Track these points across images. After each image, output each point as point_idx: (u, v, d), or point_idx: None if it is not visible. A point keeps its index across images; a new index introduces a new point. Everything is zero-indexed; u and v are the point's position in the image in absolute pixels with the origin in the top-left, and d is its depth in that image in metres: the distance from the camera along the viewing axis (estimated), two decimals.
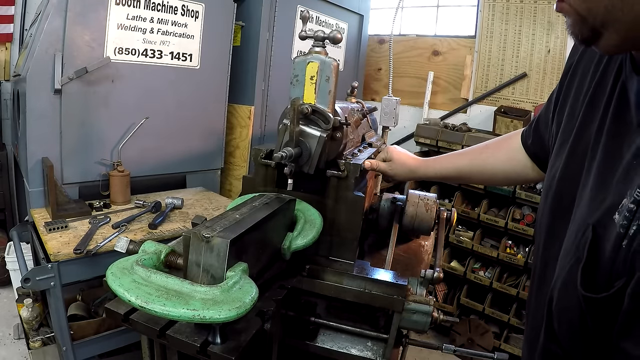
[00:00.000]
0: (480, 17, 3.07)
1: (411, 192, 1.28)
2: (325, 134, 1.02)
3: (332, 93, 1.03)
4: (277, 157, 0.93)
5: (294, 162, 1.01)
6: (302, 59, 1.03)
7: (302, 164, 1.04)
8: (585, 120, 0.65)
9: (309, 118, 1.03)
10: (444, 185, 2.95)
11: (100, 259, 1.55)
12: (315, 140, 1.02)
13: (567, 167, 0.66)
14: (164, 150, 2.30)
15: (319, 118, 1.03)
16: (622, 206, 0.48)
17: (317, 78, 1.02)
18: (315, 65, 1.02)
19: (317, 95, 1.03)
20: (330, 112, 1.02)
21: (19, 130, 2.06)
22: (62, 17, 1.79)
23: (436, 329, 2.97)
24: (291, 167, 1.03)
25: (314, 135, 1.02)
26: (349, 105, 1.35)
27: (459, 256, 2.95)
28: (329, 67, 1.02)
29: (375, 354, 1.02)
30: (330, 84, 1.02)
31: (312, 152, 1.03)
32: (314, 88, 1.02)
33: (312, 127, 1.03)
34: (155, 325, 0.70)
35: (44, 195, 1.88)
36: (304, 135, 1.03)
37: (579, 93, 0.69)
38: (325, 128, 1.02)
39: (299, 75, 1.04)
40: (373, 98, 3.78)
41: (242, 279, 0.69)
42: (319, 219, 1.02)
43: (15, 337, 2.44)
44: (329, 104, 1.03)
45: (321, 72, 1.02)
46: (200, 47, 2.31)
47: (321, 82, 1.02)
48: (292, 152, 0.97)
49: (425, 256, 1.41)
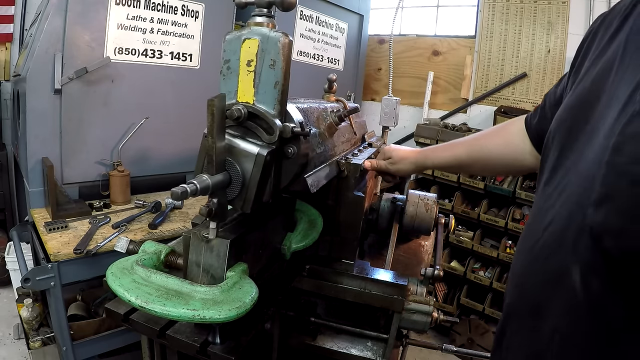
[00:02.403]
0: (480, 17, 3.07)
1: (411, 192, 1.28)
2: (267, 150, 0.68)
3: (280, 86, 0.69)
4: (175, 193, 0.58)
5: (215, 196, 0.65)
6: (235, 35, 0.71)
7: (233, 197, 0.69)
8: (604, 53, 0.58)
9: (244, 126, 0.70)
10: (444, 185, 2.95)
11: (100, 259, 1.54)
12: (251, 160, 0.67)
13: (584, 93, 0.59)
14: (164, 150, 2.30)
15: (259, 125, 0.70)
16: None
17: (256, 63, 0.69)
18: (253, 43, 0.69)
19: (258, 91, 0.70)
20: (278, 117, 0.70)
21: (19, 130, 2.06)
22: (62, 17, 1.79)
23: (436, 329, 2.97)
24: (211, 204, 0.65)
25: (249, 152, 0.68)
26: (321, 106, 1.04)
27: (459, 256, 2.95)
28: (275, 46, 0.68)
29: (375, 354, 1.02)
30: (278, 72, 0.69)
31: (247, 180, 0.68)
32: (252, 79, 0.70)
33: (248, 141, 0.69)
34: (155, 325, 0.70)
35: (44, 195, 1.87)
36: (234, 154, 0.68)
37: (597, 49, 0.62)
38: (269, 141, 0.69)
39: (230, 61, 0.73)
40: (373, 98, 3.78)
41: (242, 279, 0.69)
42: (319, 219, 1.02)
43: (15, 337, 2.44)
44: (276, 103, 0.70)
45: (263, 54, 0.69)
46: (200, 47, 2.31)
47: (263, 70, 0.69)
48: (207, 182, 0.62)
49: (425, 256, 1.41)
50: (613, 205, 0.40)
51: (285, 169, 0.76)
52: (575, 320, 0.47)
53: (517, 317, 0.61)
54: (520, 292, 0.60)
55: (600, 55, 0.60)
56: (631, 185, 0.38)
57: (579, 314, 0.46)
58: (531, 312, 0.56)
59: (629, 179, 0.39)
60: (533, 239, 0.56)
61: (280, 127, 0.69)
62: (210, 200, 0.65)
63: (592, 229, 0.43)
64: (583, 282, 0.45)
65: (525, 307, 0.58)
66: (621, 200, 0.39)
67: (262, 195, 0.70)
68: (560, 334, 0.49)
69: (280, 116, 0.71)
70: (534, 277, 0.55)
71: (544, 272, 0.53)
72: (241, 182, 0.68)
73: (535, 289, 0.55)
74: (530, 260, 0.56)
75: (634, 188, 0.38)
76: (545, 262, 0.52)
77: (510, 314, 0.64)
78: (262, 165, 0.67)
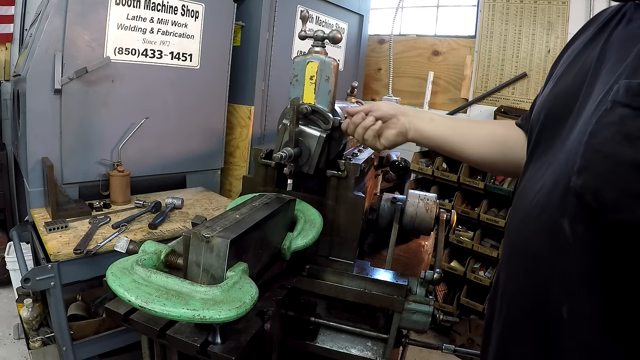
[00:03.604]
0: (480, 17, 3.07)
1: (411, 192, 1.28)
2: (325, 134, 1.03)
3: (331, 93, 1.04)
4: (276, 157, 0.93)
5: (293, 162, 1.01)
6: (302, 58, 1.04)
7: (302, 164, 1.04)
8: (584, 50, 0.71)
9: (308, 118, 1.03)
10: (444, 185, 2.95)
11: (100, 259, 1.54)
12: (315, 140, 1.03)
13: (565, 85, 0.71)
14: (164, 150, 2.30)
15: (318, 118, 1.03)
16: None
17: (316, 78, 1.03)
18: (315, 65, 1.02)
19: (317, 95, 1.03)
20: (330, 112, 1.03)
21: (19, 130, 2.06)
22: (62, 17, 1.79)
23: (436, 329, 2.97)
24: (290, 167, 1.02)
25: (314, 135, 1.03)
26: (349, 105, 1.32)
27: (459, 256, 2.95)
28: (328, 67, 1.02)
29: (375, 354, 1.03)
30: (330, 84, 1.03)
31: (312, 152, 1.03)
32: (314, 88, 1.03)
33: (311, 127, 1.03)
34: (155, 325, 0.70)
35: (44, 195, 1.87)
36: (304, 136, 1.03)
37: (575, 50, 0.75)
38: (325, 128, 1.03)
39: (298, 75, 1.04)
40: (373, 98, 3.78)
41: (242, 279, 0.69)
42: (319, 219, 1.02)
43: (15, 337, 2.44)
44: (329, 104, 1.04)
45: (321, 72, 1.02)
46: (200, 47, 2.31)
47: (321, 82, 1.03)
48: (291, 152, 0.97)
49: (425, 256, 1.41)
50: (590, 172, 0.56)
51: (333, 146, 1.08)
52: (567, 258, 0.60)
53: (514, 264, 0.72)
54: (516, 243, 0.72)
55: (578, 56, 0.72)
56: (603, 158, 0.54)
57: (570, 252, 0.59)
58: (527, 256, 0.68)
59: (601, 155, 0.55)
60: (527, 200, 0.69)
61: (333, 119, 1.03)
62: (290, 164, 1.01)
63: (576, 189, 0.57)
64: (571, 228, 0.59)
65: (522, 254, 0.69)
66: (596, 169, 0.55)
67: (320, 162, 1.04)
68: (559, 271, 0.61)
69: (331, 112, 1.04)
70: (529, 229, 0.68)
71: (537, 224, 0.65)
72: (308, 154, 1.04)
73: (531, 237, 0.67)
74: (525, 216, 0.69)
75: (604, 160, 0.54)
76: (538, 217, 0.65)
77: (506, 262, 0.75)
78: (322, 143, 1.03)
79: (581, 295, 0.58)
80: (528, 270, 0.67)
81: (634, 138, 0.52)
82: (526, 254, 0.68)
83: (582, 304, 0.58)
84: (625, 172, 0.52)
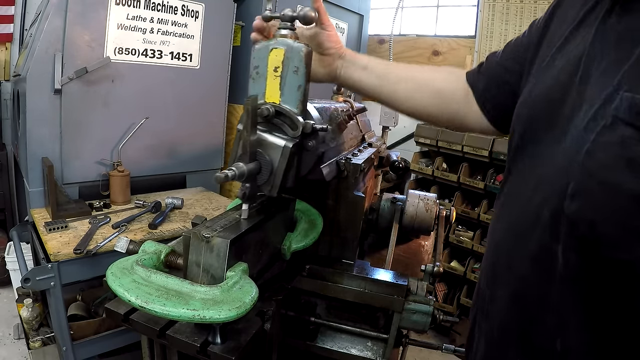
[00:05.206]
0: (480, 17, 3.07)
1: (411, 192, 1.28)
2: (292, 142, 0.78)
3: (302, 89, 0.80)
4: (219, 177, 0.68)
5: (249, 181, 0.76)
6: (264, 44, 0.81)
7: (262, 183, 0.80)
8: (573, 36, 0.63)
9: (271, 122, 0.80)
10: (444, 185, 2.95)
11: (100, 259, 1.54)
12: (279, 151, 0.78)
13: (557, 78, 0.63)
14: (164, 150, 2.30)
15: (284, 122, 0.80)
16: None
17: (282, 69, 0.80)
18: (280, 52, 0.79)
19: (283, 93, 0.80)
20: (300, 115, 0.80)
21: (19, 130, 2.06)
22: (62, 17, 1.79)
23: (436, 329, 2.97)
24: (244, 188, 0.76)
25: (277, 145, 0.78)
26: (332, 105, 1.15)
27: (459, 256, 2.95)
28: (298, 55, 0.79)
29: (375, 354, 1.03)
30: (300, 77, 0.80)
31: (275, 168, 0.79)
32: (279, 83, 0.80)
33: (275, 135, 0.80)
34: (155, 325, 0.70)
35: (44, 195, 1.87)
36: (264, 146, 0.79)
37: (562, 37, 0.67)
38: (293, 135, 0.79)
39: (259, 67, 0.81)
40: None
41: (242, 279, 0.69)
42: (319, 219, 1.02)
43: (15, 337, 2.44)
44: (299, 103, 0.80)
45: (288, 62, 0.79)
46: (200, 47, 2.31)
47: (288, 75, 0.80)
48: (243, 169, 0.73)
49: (425, 256, 1.41)
50: (586, 199, 0.50)
51: (305, 159, 0.86)
52: (560, 288, 0.55)
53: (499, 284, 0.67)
54: (501, 262, 0.67)
55: (564, 45, 0.65)
56: (600, 185, 0.49)
57: (564, 281, 0.55)
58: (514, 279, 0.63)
59: (597, 181, 0.49)
60: (513, 211, 0.65)
61: (303, 123, 0.79)
62: (244, 185, 0.76)
63: (569, 216, 0.52)
64: (564, 256, 0.54)
65: (508, 275, 0.65)
66: (593, 197, 0.50)
67: (286, 181, 0.81)
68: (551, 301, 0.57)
69: (302, 114, 0.81)
70: (517, 248, 0.63)
71: (525, 246, 0.61)
72: (270, 170, 0.79)
73: (519, 260, 0.62)
74: (511, 229, 0.66)
75: (602, 188, 0.49)
76: (526, 236, 0.60)
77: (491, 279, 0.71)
78: (287, 155, 0.78)
79: (576, 329, 0.54)
80: (515, 294, 0.63)
81: (637, 165, 0.45)
82: (513, 277, 0.64)
83: (576, 337, 0.54)
84: (626, 205, 0.46)
